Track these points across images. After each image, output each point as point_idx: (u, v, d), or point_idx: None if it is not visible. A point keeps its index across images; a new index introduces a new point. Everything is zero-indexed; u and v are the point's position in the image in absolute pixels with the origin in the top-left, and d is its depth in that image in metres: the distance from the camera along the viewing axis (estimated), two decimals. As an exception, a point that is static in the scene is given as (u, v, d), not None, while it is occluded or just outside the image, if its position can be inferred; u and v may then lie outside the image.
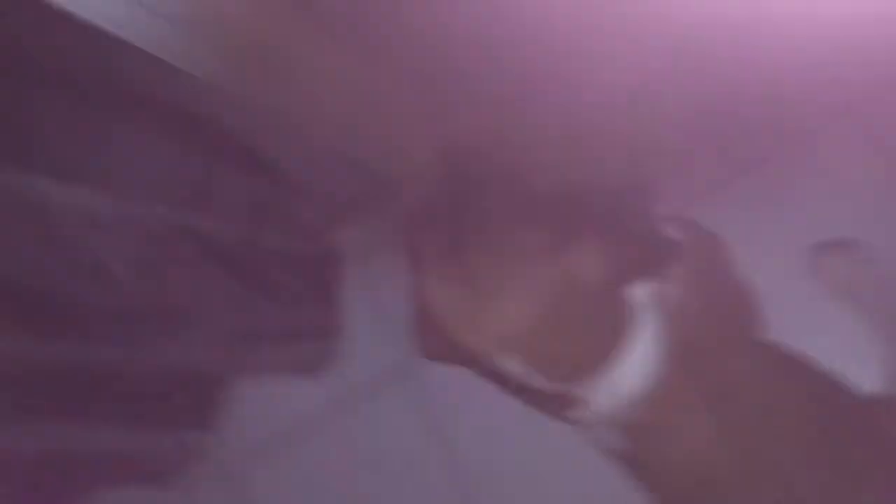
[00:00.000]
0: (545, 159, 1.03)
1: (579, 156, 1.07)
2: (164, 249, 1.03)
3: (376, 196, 1.49)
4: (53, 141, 0.93)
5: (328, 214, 1.46)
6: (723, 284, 1.09)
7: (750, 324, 1.10)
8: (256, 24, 0.98)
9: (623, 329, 0.94)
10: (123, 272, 0.97)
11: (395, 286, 1.44)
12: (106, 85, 0.93)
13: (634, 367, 0.94)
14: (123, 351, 0.98)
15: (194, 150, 1.16)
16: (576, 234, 0.91)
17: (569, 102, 1.19)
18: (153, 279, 1.02)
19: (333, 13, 1.03)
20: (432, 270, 0.97)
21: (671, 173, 1.31)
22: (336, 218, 1.48)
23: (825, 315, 1.28)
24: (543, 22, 1.13)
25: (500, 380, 0.96)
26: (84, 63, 0.88)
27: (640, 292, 0.96)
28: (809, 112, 1.33)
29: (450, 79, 1.17)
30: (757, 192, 1.36)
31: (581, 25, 1.14)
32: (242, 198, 1.27)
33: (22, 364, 0.89)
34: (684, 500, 1.05)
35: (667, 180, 1.02)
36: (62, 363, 1.04)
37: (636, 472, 1.06)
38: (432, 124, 1.08)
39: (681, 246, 0.99)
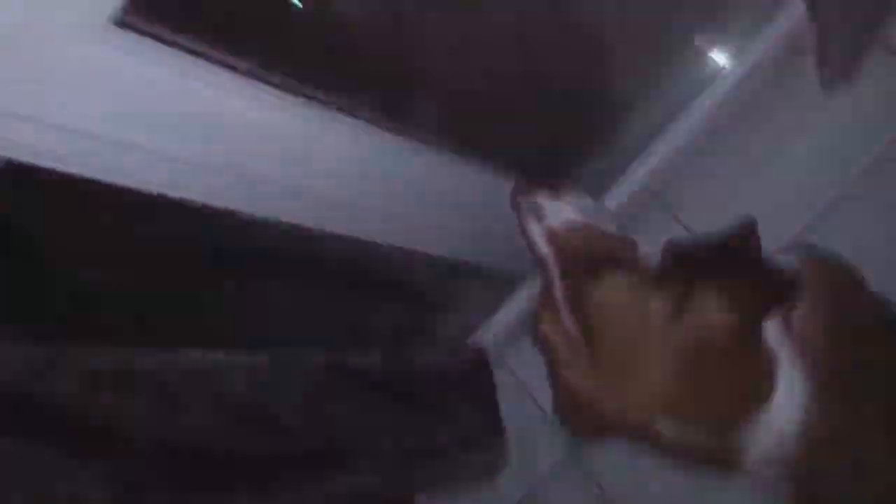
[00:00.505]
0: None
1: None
2: (324, 390, 1.13)
3: (506, 295, 1.57)
4: (222, 319, 1.08)
5: (465, 324, 1.55)
6: (852, 303, 1.06)
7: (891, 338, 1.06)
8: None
9: (766, 369, 0.94)
10: (290, 419, 1.08)
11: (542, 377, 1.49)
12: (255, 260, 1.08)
13: (785, 404, 0.93)
14: (298, 492, 1.08)
15: (337, 295, 1.29)
16: (693, 289, 0.93)
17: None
18: (317, 419, 1.12)
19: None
20: (566, 355, 1.01)
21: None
22: (474, 325, 1.56)
23: None
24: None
25: (658, 442, 0.97)
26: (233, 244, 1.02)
27: (773, 329, 0.96)
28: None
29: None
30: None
31: None
32: (386, 328, 1.38)
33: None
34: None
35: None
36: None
37: None
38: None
39: (800, 275, 0.98)
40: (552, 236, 1.03)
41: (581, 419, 1.02)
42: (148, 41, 0.71)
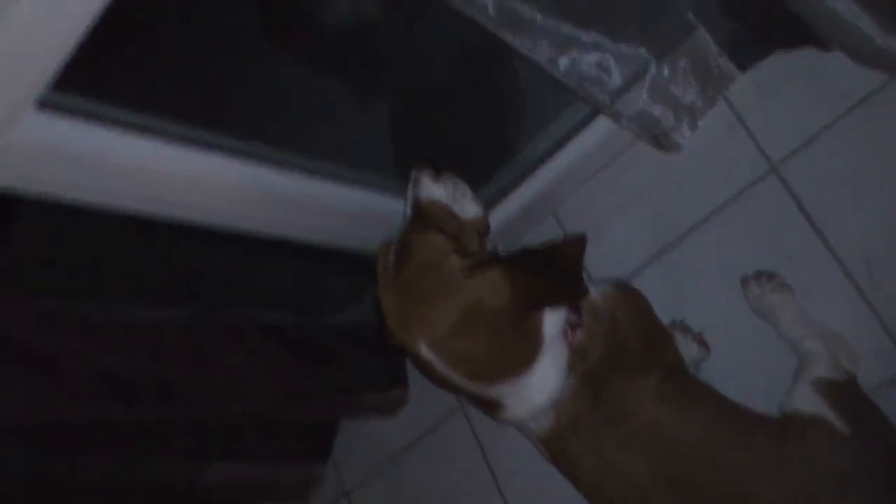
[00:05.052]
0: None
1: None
2: (232, 339, 1.54)
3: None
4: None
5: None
6: (632, 334, 1.31)
7: (657, 366, 1.31)
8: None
9: (528, 349, 1.20)
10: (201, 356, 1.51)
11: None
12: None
13: (539, 383, 1.21)
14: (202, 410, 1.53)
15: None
16: (493, 267, 1.19)
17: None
18: (223, 362, 1.53)
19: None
20: (382, 280, 1.28)
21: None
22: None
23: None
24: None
25: (426, 372, 1.24)
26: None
27: (553, 326, 1.22)
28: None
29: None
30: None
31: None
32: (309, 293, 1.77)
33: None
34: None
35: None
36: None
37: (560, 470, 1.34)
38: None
39: (585, 293, 1.25)
40: (416, 202, 1.31)
41: (390, 335, 1.28)
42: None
